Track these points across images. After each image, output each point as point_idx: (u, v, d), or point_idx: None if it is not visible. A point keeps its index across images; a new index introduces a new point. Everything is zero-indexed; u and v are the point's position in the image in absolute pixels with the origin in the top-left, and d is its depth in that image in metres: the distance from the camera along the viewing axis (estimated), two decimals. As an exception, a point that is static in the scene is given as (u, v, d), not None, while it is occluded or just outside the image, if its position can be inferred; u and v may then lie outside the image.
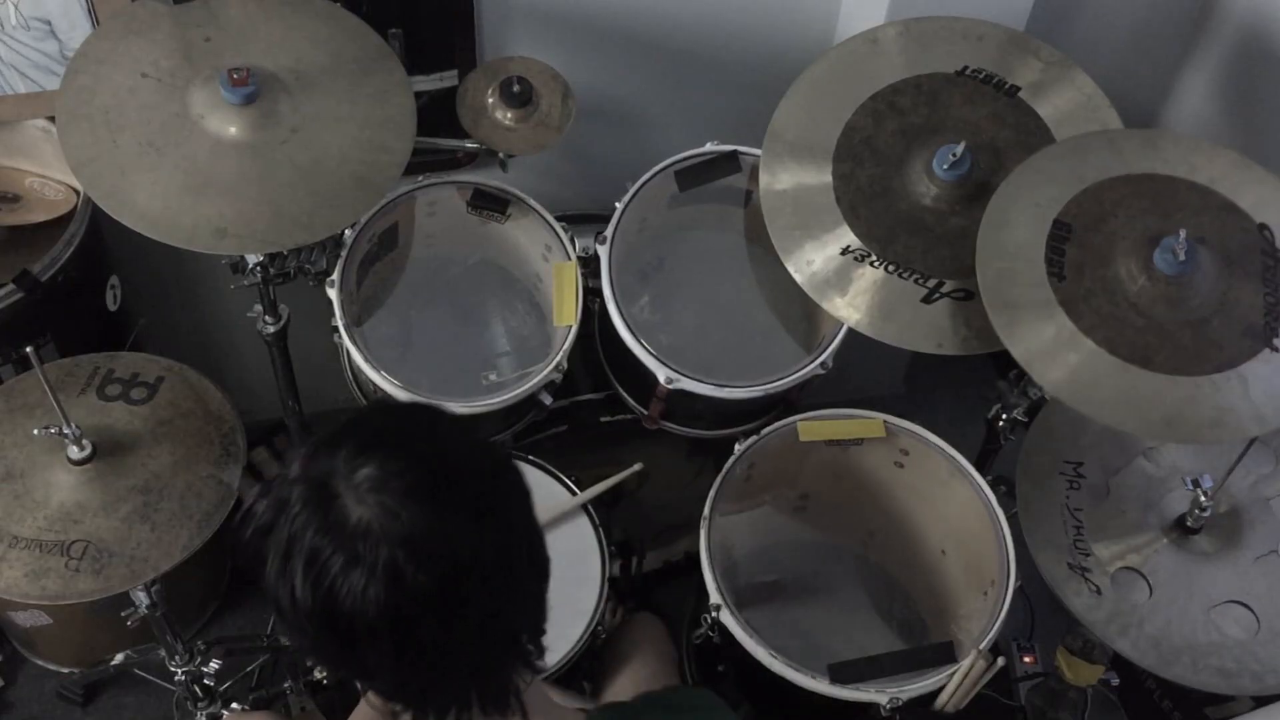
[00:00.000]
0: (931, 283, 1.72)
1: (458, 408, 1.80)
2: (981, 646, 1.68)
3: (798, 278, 1.75)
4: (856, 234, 1.74)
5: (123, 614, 1.74)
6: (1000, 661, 1.68)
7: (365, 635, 0.95)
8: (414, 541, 0.93)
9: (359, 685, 1.07)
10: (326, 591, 0.93)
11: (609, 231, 1.84)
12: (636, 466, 1.97)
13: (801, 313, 1.98)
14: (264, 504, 0.98)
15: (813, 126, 1.79)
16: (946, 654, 1.75)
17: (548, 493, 1.90)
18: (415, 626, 0.95)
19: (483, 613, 0.98)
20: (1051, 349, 1.60)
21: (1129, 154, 1.71)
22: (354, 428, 1.00)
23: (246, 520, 1.00)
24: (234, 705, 2.06)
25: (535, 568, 1.04)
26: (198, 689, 1.98)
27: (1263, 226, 1.67)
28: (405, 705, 1.05)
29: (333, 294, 1.80)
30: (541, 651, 1.06)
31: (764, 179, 1.79)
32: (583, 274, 1.87)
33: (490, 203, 1.92)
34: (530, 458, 1.93)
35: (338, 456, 0.97)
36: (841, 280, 1.73)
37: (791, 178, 1.78)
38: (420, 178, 1.91)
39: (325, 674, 2.02)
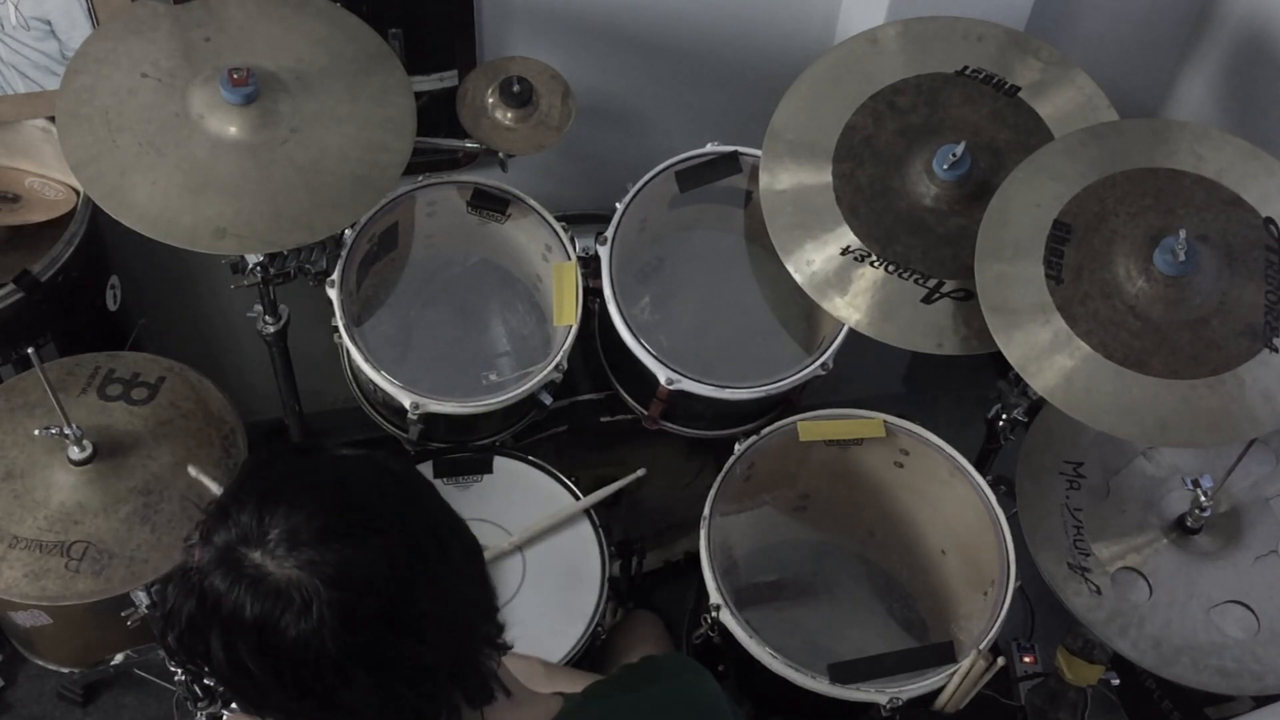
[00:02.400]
0: (931, 283, 1.72)
1: (458, 408, 1.81)
2: (981, 646, 1.68)
3: (798, 278, 1.75)
4: (856, 234, 1.74)
5: (123, 614, 1.74)
6: (1000, 661, 1.67)
7: (338, 680, 0.94)
8: (350, 577, 0.93)
9: None
10: (287, 653, 0.92)
11: (610, 232, 1.84)
12: (640, 472, 1.94)
13: (801, 313, 1.98)
14: (181, 603, 0.96)
15: (813, 126, 1.79)
16: (946, 654, 1.75)
17: (548, 493, 1.90)
18: (385, 651, 0.95)
19: (441, 611, 0.97)
20: (1047, 353, 1.60)
21: (1135, 146, 1.70)
22: (240, 492, 0.98)
23: (170, 624, 0.98)
24: (234, 705, 2.05)
25: (467, 550, 1.03)
26: (198, 689, 1.98)
27: (1269, 221, 1.65)
28: None
29: (333, 294, 1.80)
30: (500, 629, 1.06)
31: (764, 179, 1.79)
32: (583, 274, 1.87)
33: (490, 203, 1.92)
34: (530, 458, 1.93)
35: (237, 526, 0.95)
36: (841, 280, 1.73)
37: (791, 178, 1.78)
38: (420, 178, 1.90)
39: None
